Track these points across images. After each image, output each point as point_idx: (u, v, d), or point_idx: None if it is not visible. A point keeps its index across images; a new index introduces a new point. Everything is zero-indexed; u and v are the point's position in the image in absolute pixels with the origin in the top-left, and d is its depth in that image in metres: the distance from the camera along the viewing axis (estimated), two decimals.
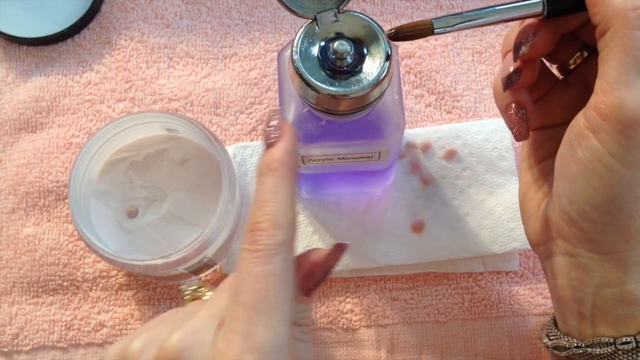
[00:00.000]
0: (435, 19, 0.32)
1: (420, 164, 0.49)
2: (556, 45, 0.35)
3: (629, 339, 0.32)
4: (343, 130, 0.37)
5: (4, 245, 0.49)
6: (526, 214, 0.37)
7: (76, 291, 0.48)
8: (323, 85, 0.33)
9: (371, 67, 0.33)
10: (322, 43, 0.34)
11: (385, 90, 0.34)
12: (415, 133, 0.50)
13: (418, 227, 0.48)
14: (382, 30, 0.34)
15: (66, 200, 0.50)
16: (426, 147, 0.49)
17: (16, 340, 0.48)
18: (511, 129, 0.36)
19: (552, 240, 0.34)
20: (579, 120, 0.31)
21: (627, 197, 0.30)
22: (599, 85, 0.30)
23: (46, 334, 0.48)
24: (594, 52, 0.35)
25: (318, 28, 0.34)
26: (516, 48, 0.34)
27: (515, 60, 0.34)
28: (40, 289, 0.48)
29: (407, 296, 0.48)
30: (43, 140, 0.51)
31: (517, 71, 0.34)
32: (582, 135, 0.31)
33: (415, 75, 0.52)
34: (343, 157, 0.40)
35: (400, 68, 0.50)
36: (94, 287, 0.48)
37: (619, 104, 0.29)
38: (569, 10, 0.32)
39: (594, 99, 0.30)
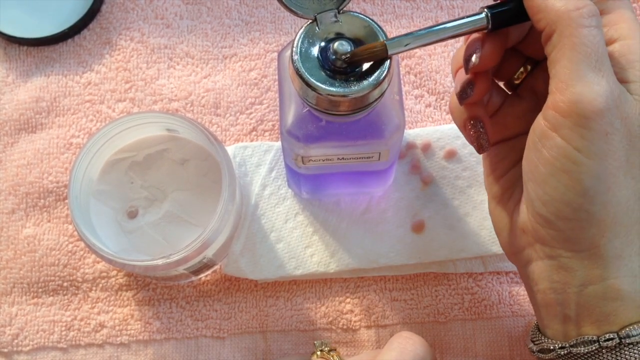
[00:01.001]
0: (388, 40, 0.33)
1: (420, 164, 0.49)
2: (500, 62, 0.36)
3: (612, 336, 0.32)
4: (343, 130, 0.37)
5: (4, 245, 0.49)
6: (499, 225, 0.37)
7: (76, 292, 0.48)
8: (323, 86, 0.33)
9: (371, 67, 0.33)
10: (322, 43, 0.34)
11: (385, 91, 0.34)
12: (415, 133, 0.50)
13: (418, 227, 0.48)
14: (383, 31, 0.34)
15: (66, 201, 0.50)
16: (426, 147, 0.49)
17: (16, 341, 0.48)
18: (472, 143, 0.37)
19: (530, 247, 0.34)
20: (540, 123, 0.32)
21: (598, 189, 0.31)
22: (554, 85, 0.31)
23: (46, 335, 0.48)
24: (537, 65, 0.36)
25: (318, 28, 0.34)
26: (466, 60, 0.35)
27: (467, 72, 0.35)
28: (40, 290, 0.48)
29: (407, 296, 0.48)
30: (43, 140, 0.51)
31: (470, 83, 0.35)
32: (545, 136, 0.31)
33: (416, 76, 0.52)
34: (343, 158, 0.40)
35: (400, 68, 0.50)
36: (94, 288, 0.48)
37: (577, 99, 0.30)
38: (512, 21, 0.34)
39: (551, 99, 0.31)
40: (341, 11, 0.34)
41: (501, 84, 0.39)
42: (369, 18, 0.34)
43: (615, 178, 0.31)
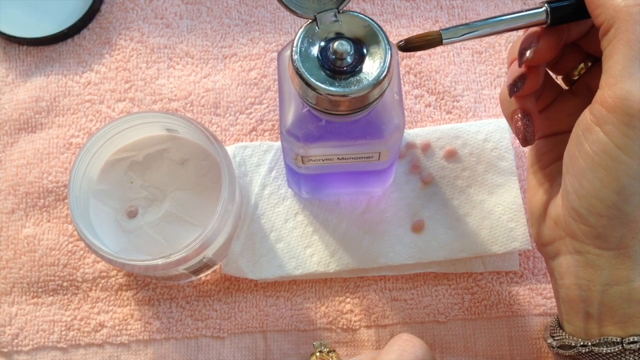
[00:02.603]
0: (443, 30, 0.33)
1: (420, 164, 0.49)
2: (561, 56, 0.36)
3: (636, 339, 0.32)
4: (343, 130, 0.37)
5: (3, 245, 0.49)
6: (534, 216, 0.37)
7: (76, 291, 0.48)
8: (323, 86, 0.33)
9: (371, 67, 0.33)
10: (322, 43, 0.34)
11: (385, 91, 0.34)
12: (415, 133, 0.50)
13: (418, 227, 0.48)
14: (382, 30, 0.34)
15: (66, 201, 0.50)
16: (426, 147, 0.49)
17: (16, 341, 0.48)
18: (517, 135, 0.37)
19: (560, 240, 0.35)
20: (585, 116, 0.32)
21: (634, 189, 0.30)
22: (604, 80, 0.31)
23: (46, 334, 0.48)
24: (597, 62, 0.36)
25: (318, 28, 0.34)
26: (521, 54, 0.34)
27: (520, 65, 0.35)
28: (40, 290, 0.48)
29: (407, 296, 0.48)
30: (43, 140, 0.51)
31: (522, 77, 0.35)
32: (589, 129, 0.31)
33: (415, 75, 0.52)
34: (343, 157, 0.40)
35: (400, 68, 0.50)
36: (94, 288, 0.48)
37: (624, 95, 0.30)
38: (572, 18, 0.33)
39: (599, 94, 0.31)
40: (341, 11, 0.34)
41: (559, 78, 0.39)
42: (369, 18, 0.34)
43: None
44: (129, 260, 0.42)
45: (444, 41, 0.33)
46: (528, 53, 0.34)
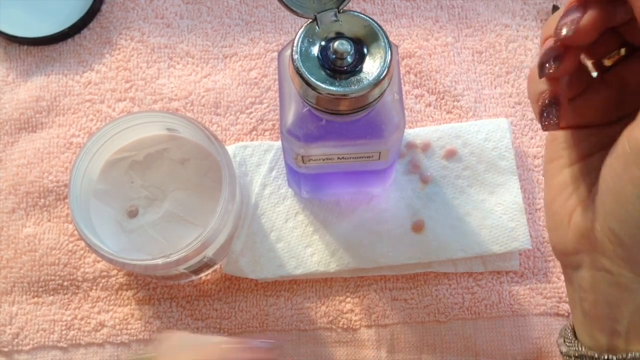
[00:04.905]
0: None
1: (420, 163, 0.49)
2: (596, 38, 0.31)
3: None
4: (343, 130, 0.37)
5: (4, 245, 0.49)
6: (554, 221, 0.33)
7: (76, 291, 0.48)
8: (323, 85, 0.33)
9: (371, 66, 0.33)
10: (323, 43, 0.34)
11: (385, 90, 0.34)
12: (415, 133, 0.50)
13: (418, 227, 0.48)
14: (383, 30, 0.34)
15: (66, 200, 0.50)
16: (426, 147, 0.49)
17: (16, 340, 0.48)
18: (540, 118, 0.32)
19: (584, 253, 0.31)
20: (637, 135, 0.27)
21: None
22: None
23: (46, 334, 0.48)
24: (634, 52, 0.32)
25: (318, 28, 0.34)
26: (558, 29, 0.29)
27: (556, 42, 0.30)
28: (41, 289, 0.48)
29: (407, 296, 0.48)
30: (43, 140, 0.51)
31: (558, 57, 0.30)
32: None
33: (416, 75, 0.52)
34: (343, 157, 0.40)
35: (400, 68, 0.50)
36: (94, 287, 0.48)
37: None
38: None
39: None
40: (341, 10, 0.34)
41: (589, 63, 0.33)
42: (369, 17, 0.34)
43: None
44: (130, 260, 0.42)
45: None
46: (566, 30, 0.29)
